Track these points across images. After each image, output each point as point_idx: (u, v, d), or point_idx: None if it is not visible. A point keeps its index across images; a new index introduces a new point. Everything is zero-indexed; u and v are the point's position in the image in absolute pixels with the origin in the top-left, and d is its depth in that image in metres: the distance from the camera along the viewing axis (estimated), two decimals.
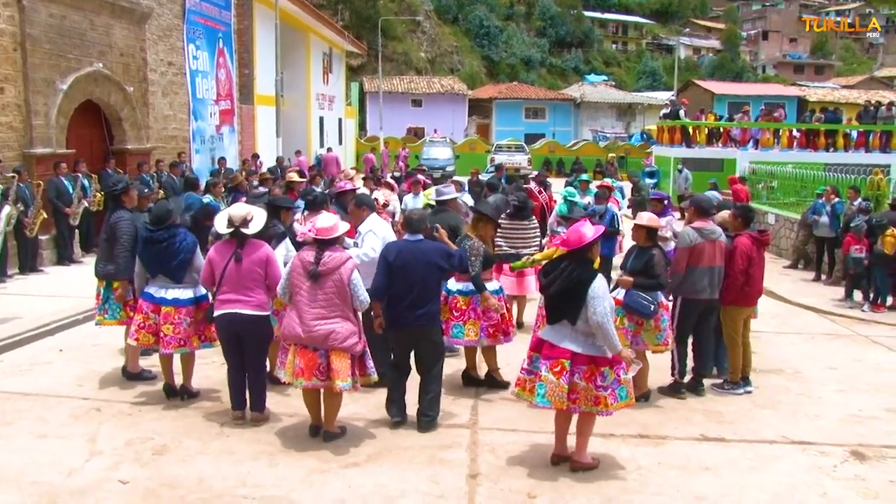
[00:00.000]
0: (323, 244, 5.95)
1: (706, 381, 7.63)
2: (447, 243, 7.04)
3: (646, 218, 7.37)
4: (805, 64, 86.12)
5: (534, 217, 9.79)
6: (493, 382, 7.51)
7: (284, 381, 6.18)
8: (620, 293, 7.01)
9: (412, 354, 6.51)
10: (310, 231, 6.03)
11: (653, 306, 6.86)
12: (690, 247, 7.19)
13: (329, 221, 6.07)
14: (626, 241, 9.65)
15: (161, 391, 7.07)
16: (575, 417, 5.71)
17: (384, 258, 6.33)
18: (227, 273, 6.24)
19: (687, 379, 7.52)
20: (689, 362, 7.55)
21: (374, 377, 6.20)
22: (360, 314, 6.11)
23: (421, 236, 6.42)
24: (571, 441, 5.76)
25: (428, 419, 6.40)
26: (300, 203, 9.51)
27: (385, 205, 9.88)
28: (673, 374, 7.47)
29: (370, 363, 6.16)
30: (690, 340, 7.55)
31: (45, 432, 6.20)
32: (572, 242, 5.58)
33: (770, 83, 66.40)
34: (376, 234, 7.08)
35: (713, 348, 7.76)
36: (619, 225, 11.39)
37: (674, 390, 7.43)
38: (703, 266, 7.18)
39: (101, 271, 7.56)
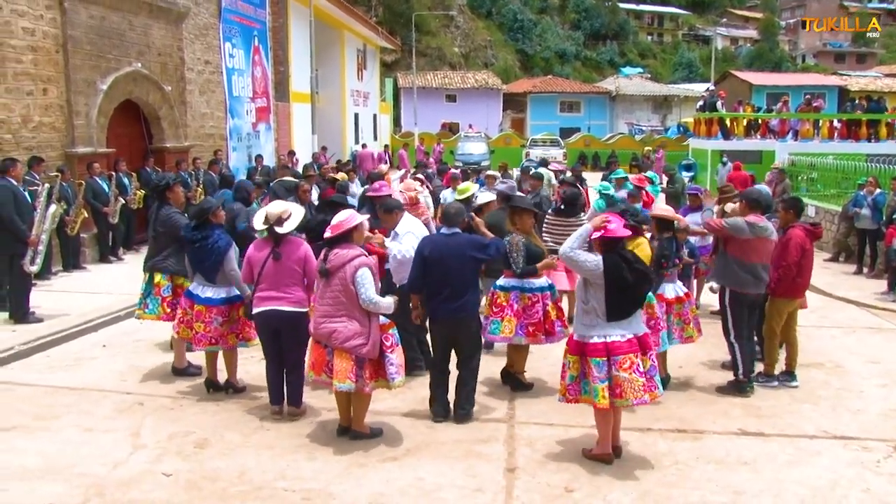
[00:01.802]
0: (333, 241, 5.90)
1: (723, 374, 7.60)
2: (483, 232, 7.05)
3: (657, 209, 7.38)
4: (846, 52, 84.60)
5: (583, 214, 9.52)
6: (518, 384, 7.33)
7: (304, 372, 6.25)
8: None
9: (452, 351, 6.52)
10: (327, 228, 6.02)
11: None
12: (747, 238, 7.05)
13: (341, 217, 5.99)
14: None
15: (202, 386, 7.18)
16: None
17: (419, 252, 6.40)
18: (266, 270, 6.29)
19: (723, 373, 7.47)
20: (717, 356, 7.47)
21: (397, 383, 5.96)
22: (374, 315, 5.83)
23: (457, 229, 6.45)
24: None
25: (464, 412, 6.45)
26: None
27: (412, 200, 9.56)
28: (736, 375, 7.30)
29: (391, 368, 5.92)
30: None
31: (90, 426, 6.34)
32: (620, 232, 5.55)
33: (810, 73, 65.19)
34: (415, 235, 7.05)
35: (753, 345, 7.67)
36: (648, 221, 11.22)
37: (738, 389, 7.25)
38: (754, 262, 7.08)
39: (151, 265, 7.71)
